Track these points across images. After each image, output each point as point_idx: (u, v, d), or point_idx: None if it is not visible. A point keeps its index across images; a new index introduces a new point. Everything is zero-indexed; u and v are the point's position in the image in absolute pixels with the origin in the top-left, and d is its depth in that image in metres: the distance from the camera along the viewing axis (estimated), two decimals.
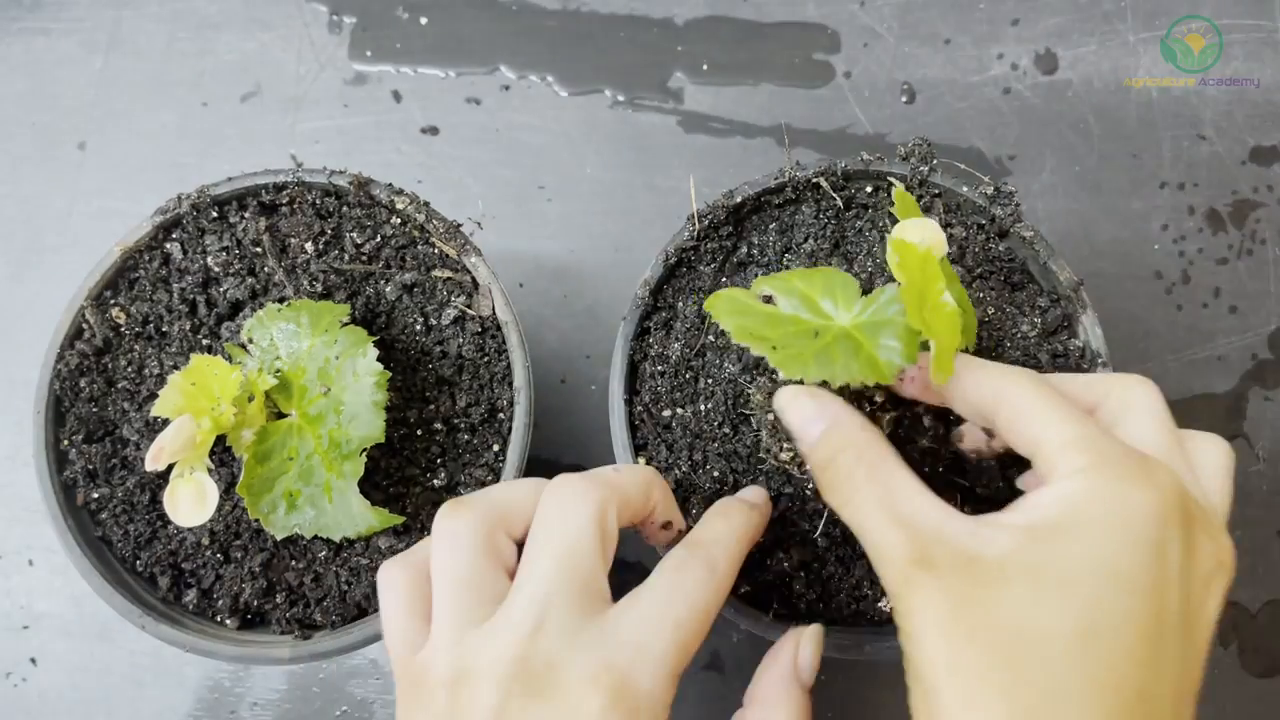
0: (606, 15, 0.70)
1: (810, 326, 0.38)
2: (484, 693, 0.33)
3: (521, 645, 0.34)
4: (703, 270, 0.49)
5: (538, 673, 0.33)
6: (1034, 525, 0.32)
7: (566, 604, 0.34)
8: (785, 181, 0.49)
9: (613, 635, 0.34)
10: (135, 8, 0.72)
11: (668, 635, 0.35)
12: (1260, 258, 0.65)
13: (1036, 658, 0.30)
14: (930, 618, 0.32)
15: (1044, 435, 0.34)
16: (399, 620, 0.37)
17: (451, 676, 0.34)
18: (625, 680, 0.33)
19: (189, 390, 0.43)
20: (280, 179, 0.51)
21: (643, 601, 0.35)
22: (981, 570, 0.31)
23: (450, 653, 0.35)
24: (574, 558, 0.35)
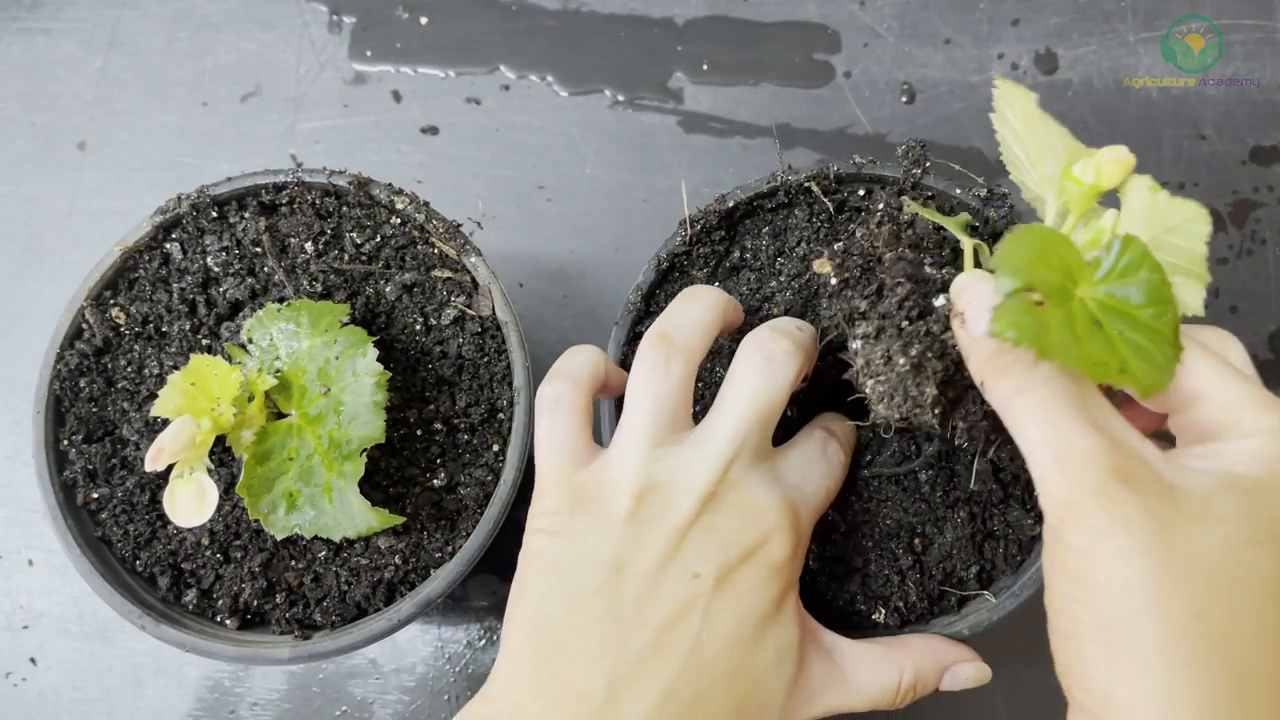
0: (606, 15, 0.70)
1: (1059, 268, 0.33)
2: (682, 503, 0.38)
3: (719, 472, 0.38)
4: (695, 275, 0.49)
5: (728, 494, 0.39)
6: (1235, 475, 0.31)
7: (753, 444, 0.40)
8: (778, 185, 0.49)
9: (783, 477, 0.41)
10: (135, 8, 0.72)
11: (820, 490, 0.42)
12: (1260, 258, 0.65)
13: (1249, 602, 0.29)
14: (1132, 542, 0.29)
15: (1210, 389, 0.32)
16: (567, 438, 0.40)
17: (642, 486, 0.38)
18: (795, 510, 0.40)
19: (189, 390, 0.43)
20: (280, 179, 0.51)
21: (800, 458, 0.42)
22: (1189, 502, 0.30)
23: (643, 466, 0.39)
24: (768, 410, 0.40)
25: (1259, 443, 0.31)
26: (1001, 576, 0.46)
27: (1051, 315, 0.31)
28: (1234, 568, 0.29)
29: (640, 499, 0.38)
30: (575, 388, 0.41)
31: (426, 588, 0.46)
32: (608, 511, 0.38)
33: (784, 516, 0.39)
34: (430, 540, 0.48)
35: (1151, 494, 0.30)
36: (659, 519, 0.38)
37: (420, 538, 0.48)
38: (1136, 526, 0.29)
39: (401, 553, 0.47)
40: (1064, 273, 0.33)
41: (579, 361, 0.42)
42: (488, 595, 0.60)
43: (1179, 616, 0.29)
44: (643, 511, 0.38)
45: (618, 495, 0.38)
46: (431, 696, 0.59)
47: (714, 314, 0.42)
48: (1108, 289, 0.33)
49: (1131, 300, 0.33)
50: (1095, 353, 0.31)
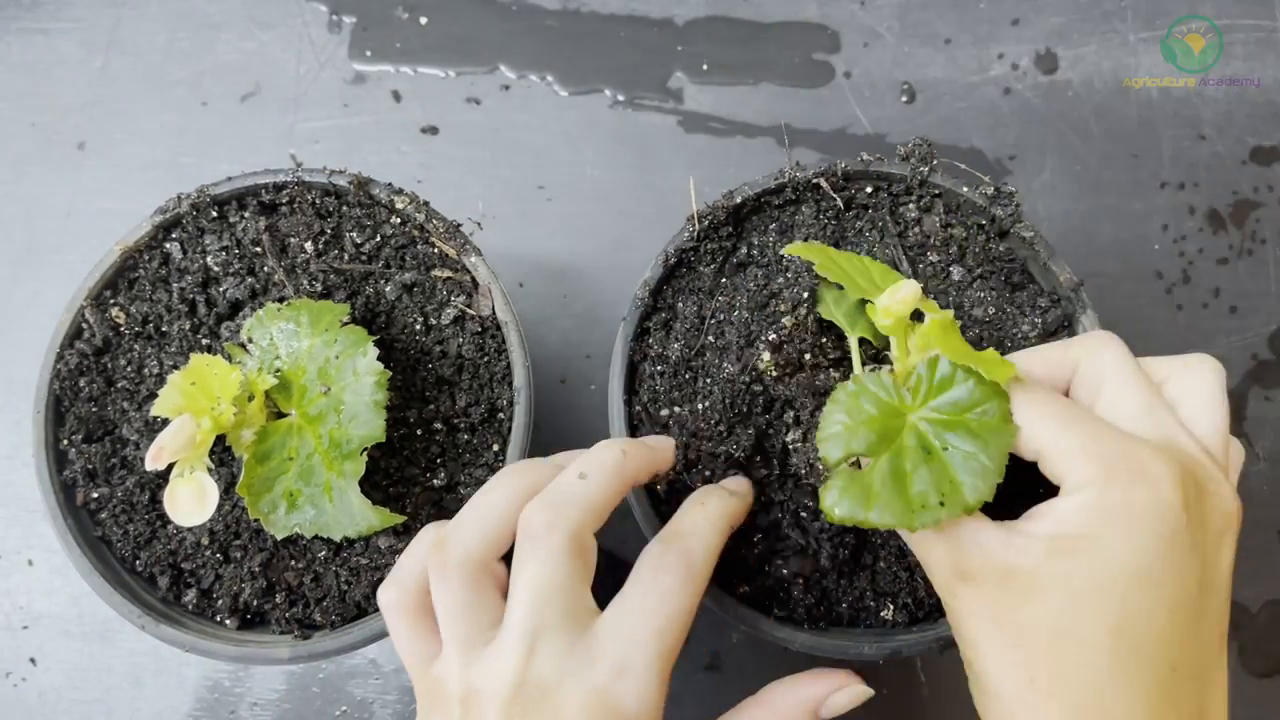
0: (606, 15, 0.70)
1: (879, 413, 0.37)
2: (490, 715, 0.35)
3: (517, 672, 0.35)
4: (702, 271, 0.49)
5: (534, 698, 0.35)
6: (1058, 536, 0.34)
7: (554, 627, 0.36)
8: (785, 182, 0.49)
9: (599, 653, 0.36)
10: (135, 8, 0.72)
11: (650, 647, 0.36)
12: (1260, 258, 0.65)
13: (1076, 657, 0.33)
14: (977, 625, 0.35)
15: (1045, 445, 0.35)
16: (410, 639, 0.39)
17: (462, 693, 0.36)
18: (614, 704, 0.35)
19: (189, 390, 0.43)
20: (280, 179, 0.51)
21: (625, 612, 0.37)
22: (1017, 581, 0.34)
23: (460, 672, 0.37)
24: (552, 588, 0.36)
25: (1080, 497, 0.34)
26: None
27: (874, 472, 0.36)
28: (1058, 630, 0.33)
29: (464, 705, 0.36)
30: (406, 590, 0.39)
31: None
32: (446, 717, 0.37)
33: (593, 714, 0.35)
34: None
35: (987, 584, 0.35)
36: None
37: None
38: (977, 612, 0.35)
39: (401, 552, 0.47)
40: (887, 413, 0.37)
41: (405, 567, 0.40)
42: None
43: (1018, 682, 0.34)
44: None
45: (450, 700, 0.37)
46: None
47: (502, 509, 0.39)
48: (933, 405, 0.37)
49: (959, 406, 0.37)
50: (919, 493, 0.35)
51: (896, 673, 0.58)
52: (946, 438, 0.36)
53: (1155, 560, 0.33)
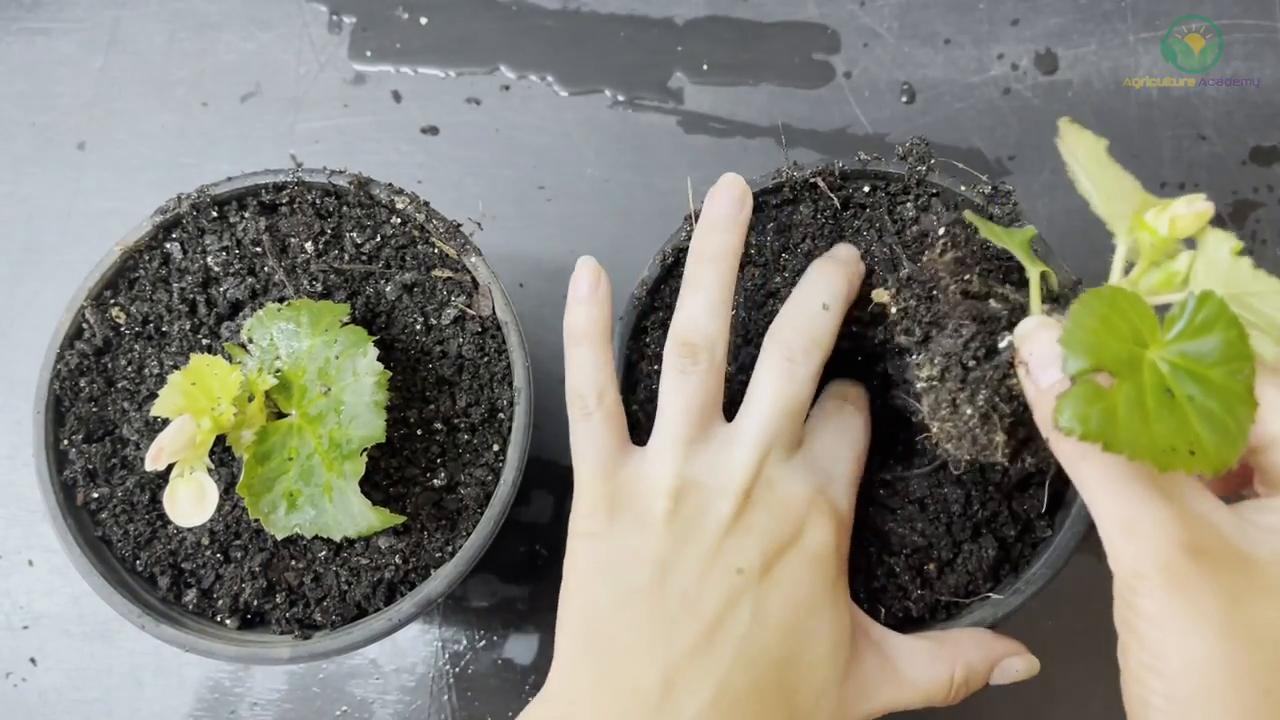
0: (606, 15, 0.70)
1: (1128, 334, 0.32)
2: (719, 504, 0.39)
3: (753, 469, 0.40)
4: None
5: (763, 492, 0.40)
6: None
7: (783, 440, 0.41)
8: (783, 182, 0.49)
9: (814, 465, 0.42)
10: (135, 8, 0.72)
11: (851, 465, 0.43)
12: (1260, 258, 0.65)
13: None
14: (1202, 617, 0.29)
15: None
16: (603, 439, 0.42)
17: (678, 486, 0.39)
18: (831, 501, 0.41)
19: (189, 390, 0.43)
20: (280, 179, 0.51)
21: (826, 439, 0.43)
22: (1262, 573, 0.30)
23: (678, 465, 0.40)
24: (794, 407, 0.41)
25: None
26: (1007, 577, 0.46)
27: (1119, 395, 0.30)
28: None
29: (678, 499, 0.39)
30: (604, 392, 0.42)
31: (427, 587, 0.46)
32: (646, 512, 0.39)
33: (818, 507, 0.40)
34: (430, 540, 0.48)
35: (1222, 568, 0.29)
36: (698, 519, 0.39)
37: (420, 537, 0.48)
38: (1206, 603, 0.29)
39: (402, 552, 0.47)
40: (1133, 338, 0.32)
41: (600, 361, 0.43)
42: (488, 595, 0.60)
43: (1249, 693, 0.29)
44: (681, 511, 0.39)
45: (655, 496, 0.39)
46: (432, 696, 0.59)
47: (726, 292, 0.43)
48: (1180, 348, 0.32)
49: (1205, 359, 0.32)
50: (1164, 435, 0.30)
51: None
52: (1188, 386, 0.31)
53: None
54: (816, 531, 0.40)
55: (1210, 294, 0.32)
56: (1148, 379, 0.31)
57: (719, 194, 0.44)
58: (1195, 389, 0.31)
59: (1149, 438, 0.30)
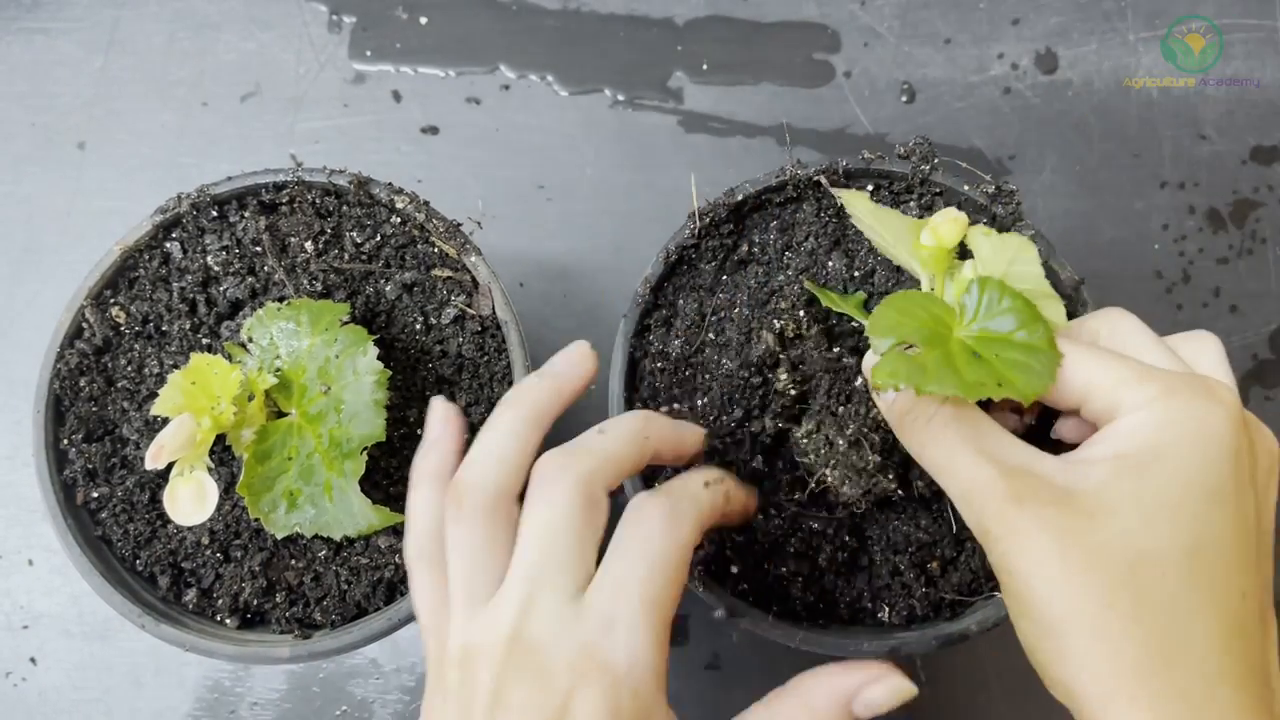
0: (606, 15, 0.70)
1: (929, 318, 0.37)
2: (482, 676, 0.34)
3: (512, 627, 0.34)
4: (703, 268, 0.49)
5: (525, 657, 0.34)
6: (1123, 454, 0.33)
7: (552, 583, 0.35)
8: (786, 180, 0.49)
9: (588, 609, 0.34)
10: (135, 8, 0.72)
11: (636, 597, 0.34)
12: (1260, 258, 0.65)
13: (1154, 579, 0.32)
14: (1039, 554, 0.32)
15: (1094, 380, 0.35)
16: (430, 597, 0.38)
17: (461, 654, 0.36)
18: (602, 661, 0.34)
19: (189, 389, 0.43)
20: (280, 178, 0.51)
21: (608, 565, 0.36)
22: (1081, 502, 0.33)
23: (461, 631, 0.36)
24: (556, 535, 0.35)
25: (1140, 416, 0.34)
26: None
27: (928, 357, 0.35)
28: (1134, 552, 0.32)
29: (462, 669, 0.35)
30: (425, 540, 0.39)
31: None
32: (445, 683, 0.36)
33: (584, 679, 0.33)
34: None
35: (1046, 506, 0.33)
36: (470, 696, 0.35)
37: None
38: (1038, 541, 0.33)
39: (401, 552, 0.47)
40: (935, 323, 0.36)
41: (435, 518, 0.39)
42: None
43: (1093, 609, 0.32)
44: (463, 688, 0.35)
45: (450, 665, 0.36)
46: None
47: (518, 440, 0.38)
48: (979, 326, 0.37)
49: (1003, 329, 0.36)
50: (973, 376, 0.34)
51: None
52: (994, 349, 0.36)
53: (1225, 477, 0.33)
54: (583, 704, 0.33)
55: (989, 278, 0.37)
56: (955, 348, 0.36)
57: (566, 352, 0.41)
58: (999, 349, 0.36)
59: (957, 379, 0.34)
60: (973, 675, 0.58)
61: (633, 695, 0.34)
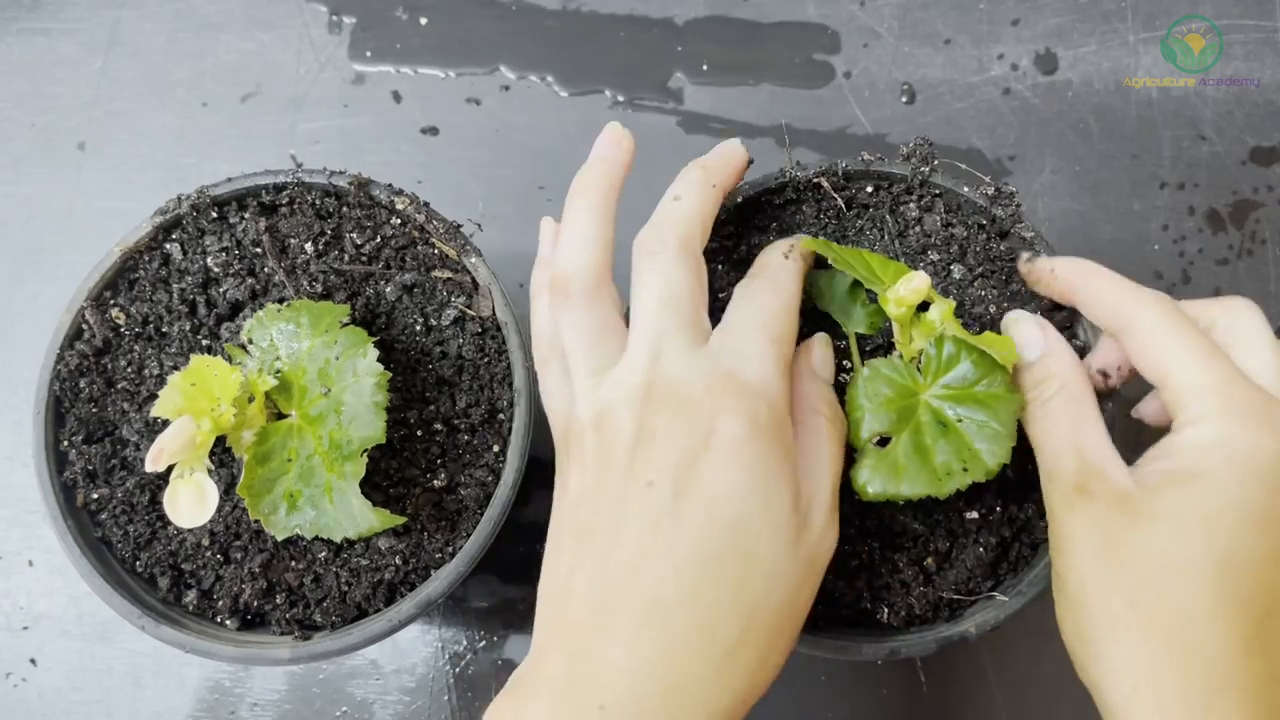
0: (606, 15, 0.70)
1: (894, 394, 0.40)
2: (623, 420, 0.37)
3: (645, 374, 0.38)
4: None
5: (662, 393, 0.37)
6: (1175, 470, 0.36)
7: (675, 333, 0.38)
8: (786, 181, 0.49)
9: (716, 350, 0.38)
10: (135, 8, 0.72)
11: (760, 335, 0.39)
12: (1260, 258, 0.65)
13: (1178, 585, 0.34)
14: (1086, 540, 0.36)
15: (1173, 372, 0.37)
16: (560, 388, 0.41)
17: (594, 417, 0.38)
18: (734, 378, 0.37)
19: (189, 391, 0.43)
20: (280, 179, 0.51)
21: (729, 319, 0.40)
22: (1132, 506, 0.36)
23: (590, 397, 0.39)
24: (672, 295, 0.39)
25: (1198, 430, 0.36)
26: (1008, 576, 0.46)
27: (899, 448, 0.39)
28: (1164, 558, 0.35)
29: (598, 429, 0.38)
30: (546, 344, 0.42)
31: (427, 588, 0.46)
32: (582, 450, 0.39)
33: (727, 391, 0.37)
34: (430, 541, 0.48)
35: (1102, 503, 0.36)
36: (612, 442, 0.38)
37: (420, 538, 0.48)
38: (1088, 528, 0.36)
39: (402, 553, 0.47)
40: (902, 395, 0.40)
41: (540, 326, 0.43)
42: (488, 596, 0.60)
43: (1118, 604, 0.35)
44: (602, 441, 0.38)
45: (584, 433, 0.39)
46: (432, 697, 0.59)
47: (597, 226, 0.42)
48: (942, 382, 0.40)
49: (965, 382, 0.40)
50: (942, 463, 0.39)
51: (896, 673, 0.58)
52: (959, 410, 0.39)
53: (1264, 507, 0.34)
54: (729, 421, 0.36)
55: (941, 337, 0.41)
56: (922, 419, 0.40)
57: (604, 134, 0.44)
58: (965, 410, 0.40)
59: (929, 471, 0.39)
60: (973, 675, 0.58)
61: (769, 406, 0.37)
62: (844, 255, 0.43)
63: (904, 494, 0.39)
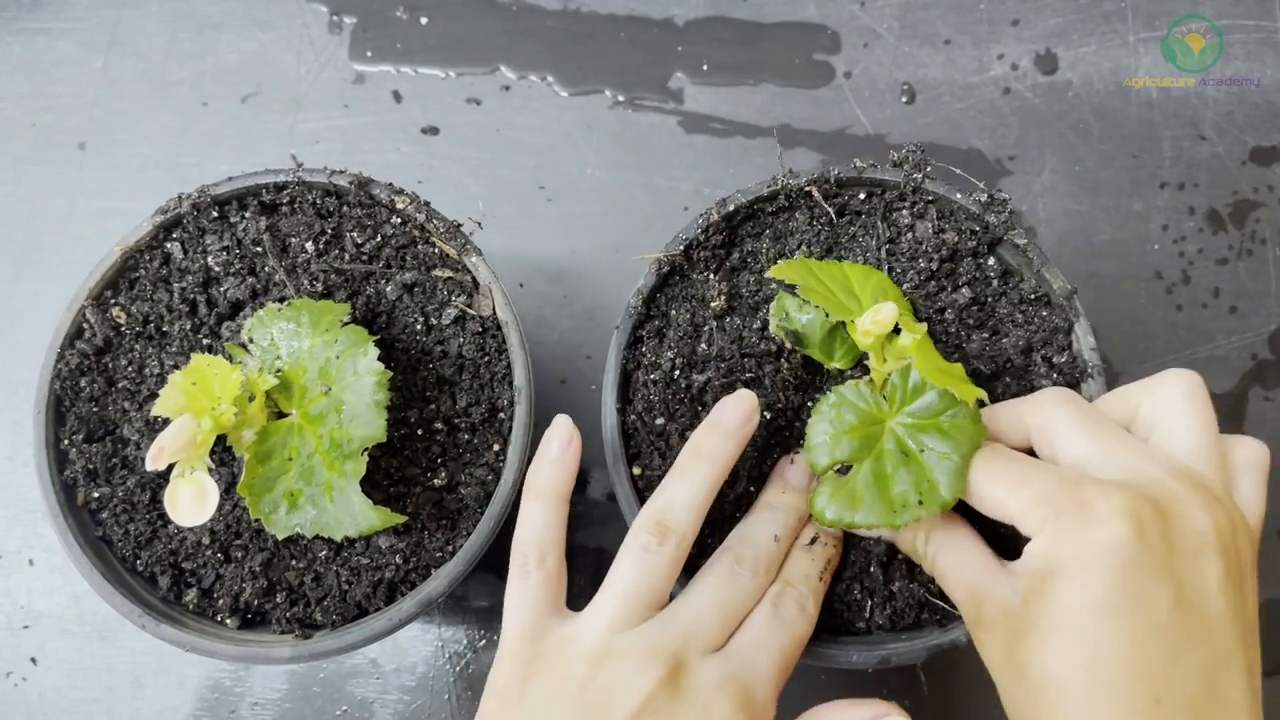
0: (606, 15, 0.70)
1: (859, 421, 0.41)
2: (638, 679, 0.38)
3: (673, 652, 0.39)
4: (695, 278, 0.49)
5: (676, 675, 0.39)
6: (1030, 584, 0.37)
7: (708, 635, 0.41)
8: (778, 189, 0.49)
9: (733, 654, 0.41)
10: (135, 8, 0.72)
11: (775, 659, 0.41)
12: (1260, 258, 0.65)
13: (1059, 696, 0.35)
14: (997, 662, 0.38)
15: (1006, 506, 0.38)
16: (543, 599, 0.42)
17: (599, 653, 0.39)
18: (746, 691, 0.40)
19: (189, 390, 0.43)
20: (280, 179, 0.51)
21: (752, 629, 0.42)
22: (1014, 622, 0.37)
23: (605, 637, 0.40)
24: (723, 610, 0.41)
25: (1039, 542, 0.36)
26: None
27: (859, 476, 0.40)
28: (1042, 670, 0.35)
29: (596, 666, 0.39)
30: (546, 554, 0.43)
31: (427, 587, 0.46)
32: (563, 679, 0.39)
33: (733, 703, 0.39)
34: (431, 540, 0.48)
35: (995, 626, 0.37)
36: (610, 693, 0.38)
37: (421, 537, 0.48)
38: (991, 654, 0.38)
39: (402, 552, 0.47)
40: (867, 423, 0.41)
41: (550, 522, 0.43)
42: (488, 595, 0.60)
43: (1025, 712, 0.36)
44: (597, 682, 0.38)
45: (575, 662, 0.39)
46: (432, 696, 0.59)
47: (710, 492, 0.42)
48: (908, 410, 0.41)
49: (930, 411, 0.40)
50: (899, 494, 0.39)
51: (896, 674, 0.58)
52: (922, 439, 0.40)
53: (1110, 594, 0.34)
54: (722, 709, 0.39)
55: (908, 367, 0.41)
56: (886, 448, 0.40)
57: (729, 404, 0.43)
58: (929, 438, 0.40)
59: (886, 503, 0.39)
60: (973, 675, 0.58)
61: None
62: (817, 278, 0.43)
63: (859, 523, 0.39)
